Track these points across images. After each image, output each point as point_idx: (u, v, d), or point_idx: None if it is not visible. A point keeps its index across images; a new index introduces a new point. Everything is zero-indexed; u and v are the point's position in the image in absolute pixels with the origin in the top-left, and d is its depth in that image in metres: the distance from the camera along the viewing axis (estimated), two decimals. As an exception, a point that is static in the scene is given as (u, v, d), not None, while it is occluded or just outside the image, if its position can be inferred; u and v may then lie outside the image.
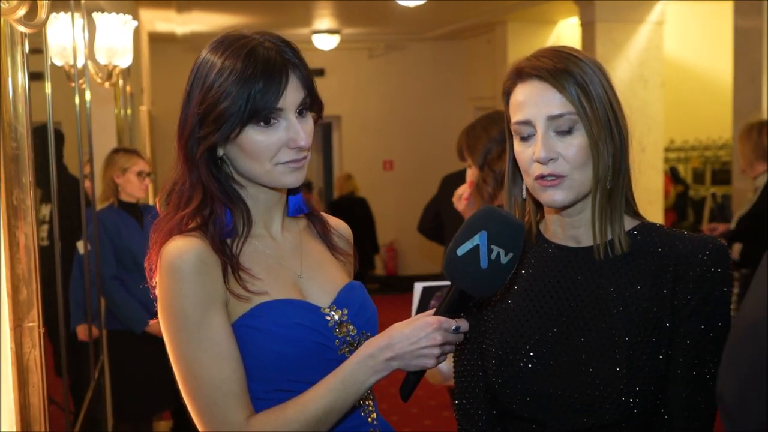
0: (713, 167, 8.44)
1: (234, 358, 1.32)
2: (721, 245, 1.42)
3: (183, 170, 1.40)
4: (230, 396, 1.31)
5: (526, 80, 1.42)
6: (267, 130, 1.35)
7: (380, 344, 1.30)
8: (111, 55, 3.90)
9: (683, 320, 1.40)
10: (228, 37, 1.39)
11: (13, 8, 1.58)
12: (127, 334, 3.99)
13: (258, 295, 1.37)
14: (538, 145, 1.39)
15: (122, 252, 3.96)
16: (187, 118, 1.37)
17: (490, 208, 1.32)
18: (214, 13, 7.98)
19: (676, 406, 1.40)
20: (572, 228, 1.49)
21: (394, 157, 10.30)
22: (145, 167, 4.07)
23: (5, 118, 1.74)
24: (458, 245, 1.31)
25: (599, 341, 1.41)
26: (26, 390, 1.77)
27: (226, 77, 1.33)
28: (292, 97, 1.36)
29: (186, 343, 1.32)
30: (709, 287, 1.40)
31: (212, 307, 1.33)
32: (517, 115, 1.42)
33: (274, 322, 1.35)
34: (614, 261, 1.46)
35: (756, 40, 5.20)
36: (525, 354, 1.45)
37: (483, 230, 1.29)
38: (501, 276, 1.30)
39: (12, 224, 1.74)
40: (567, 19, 8.41)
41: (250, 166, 1.38)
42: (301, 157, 1.38)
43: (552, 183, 1.40)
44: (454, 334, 1.31)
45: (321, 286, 1.47)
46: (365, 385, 1.31)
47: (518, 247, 1.31)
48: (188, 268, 1.32)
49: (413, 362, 1.30)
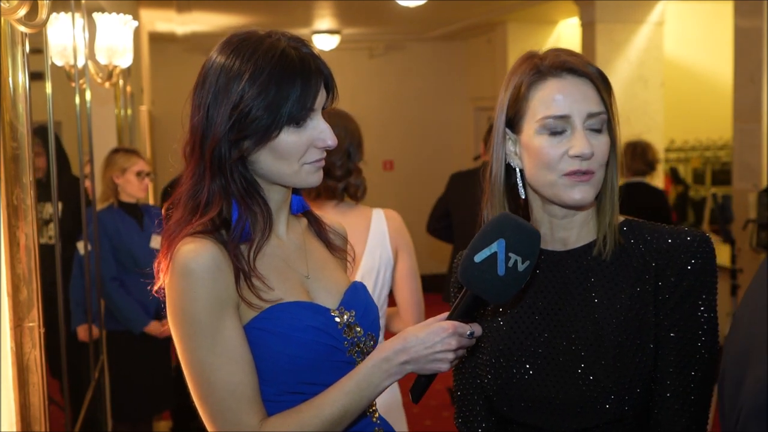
0: (713, 167, 8.43)
1: (247, 362, 1.32)
2: (702, 235, 1.42)
3: (204, 175, 1.37)
4: (243, 400, 1.30)
5: (561, 75, 1.42)
6: (299, 130, 1.35)
7: (395, 348, 1.31)
8: (111, 55, 3.90)
9: (668, 314, 1.40)
10: (250, 37, 1.36)
11: (14, 8, 1.58)
12: (126, 334, 3.99)
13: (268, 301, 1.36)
14: (581, 140, 1.39)
15: (122, 253, 3.96)
16: (215, 124, 1.34)
17: (507, 215, 1.33)
18: (214, 13, 7.98)
19: (667, 400, 1.39)
20: (563, 230, 1.49)
21: (394, 157, 10.29)
22: (145, 167, 4.07)
23: (6, 117, 1.74)
24: (475, 252, 1.31)
25: (588, 343, 1.42)
26: (26, 390, 1.77)
27: (262, 81, 1.31)
28: (321, 98, 1.38)
29: (198, 347, 1.30)
30: (692, 279, 1.40)
31: (225, 311, 1.31)
32: (551, 109, 1.41)
33: (287, 325, 1.34)
34: (601, 261, 1.46)
35: (756, 40, 5.19)
36: (518, 360, 1.46)
37: (501, 238, 1.30)
38: (517, 283, 1.31)
39: (12, 224, 1.74)
40: (567, 19, 8.40)
41: (278, 167, 1.37)
42: (323, 157, 1.40)
43: (586, 178, 1.41)
44: (468, 338, 1.31)
45: (326, 288, 1.47)
46: (379, 388, 1.32)
47: (535, 254, 1.31)
48: (203, 271, 1.30)
49: (427, 366, 1.30)
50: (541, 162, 1.42)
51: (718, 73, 8.03)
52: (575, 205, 1.44)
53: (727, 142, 7.82)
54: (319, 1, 7.70)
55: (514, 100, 1.46)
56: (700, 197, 8.30)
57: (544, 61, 1.44)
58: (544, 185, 1.44)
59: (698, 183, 8.49)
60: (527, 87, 1.44)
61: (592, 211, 1.49)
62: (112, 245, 3.93)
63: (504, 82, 1.49)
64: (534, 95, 1.43)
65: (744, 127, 5.36)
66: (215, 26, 8.77)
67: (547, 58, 1.44)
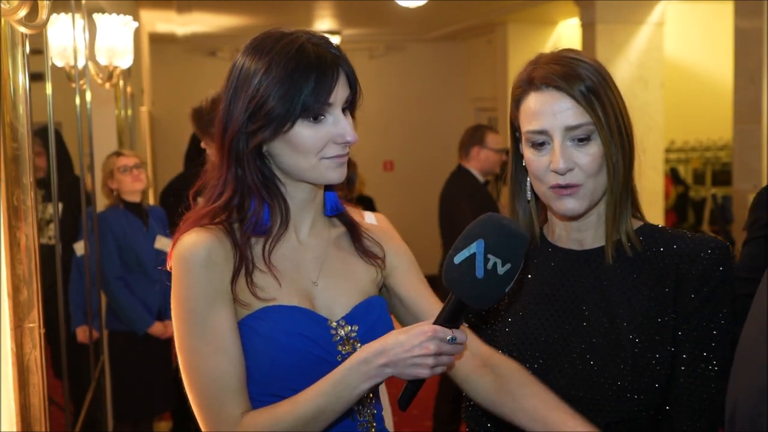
0: (714, 168, 8.43)
1: (235, 355, 1.32)
2: (722, 244, 1.43)
3: (222, 166, 1.40)
4: (228, 391, 1.31)
5: (540, 89, 1.42)
6: (316, 125, 1.36)
7: (375, 349, 1.27)
8: (111, 56, 3.90)
9: (686, 318, 1.41)
10: (272, 35, 1.39)
11: (14, 9, 1.58)
12: (129, 334, 3.99)
13: (264, 300, 1.36)
14: (556, 155, 1.39)
15: (126, 252, 3.96)
16: (234, 116, 1.37)
17: (491, 216, 1.27)
18: (214, 14, 7.98)
19: (681, 403, 1.40)
20: (577, 232, 1.50)
21: (394, 157, 10.30)
22: (127, 161, 3.99)
23: (6, 118, 1.74)
24: (456, 252, 1.26)
25: (604, 341, 1.42)
26: (27, 390, 1.77)
27: (277, 73, 1.33)
28: (341, 93, 1.37)
29: (190, 334, 1.33)
30: (712, 286, 1.40)
31: (218, 302, 1.33)
32: (531, 123, 1.42)
33: (275, 328, 1.34)
34: (619, 262, 1.46)
35: (756, 40, 5.19)
36: (532, 355, 1.46)
37: (480, 238, 1.24)
38: (498, 287, 1.24)
39: (13, 225, 1.74)
40: (567, 20, 8.40)
41: (295, 161, 1.37)
42: (345, 153, 1.39)
43: (568, 192, 1.41)
44: (450, 344, 1.25)
45: (335, 298, 1.44)
46: (357, 390, 1.28)
47: (517, 257, 1.24)
48: (197, 261, 1.33)
49: (407, 371, 1.26)
50: (532, 173, 1.45)
51: (718, 74, 8.03)
52: (565, 215, 1.45)
53: (728, 143, 7.82)
54: (320, 1, 7.71)
55: (511, 108, 1.49)
56: (701, 198, 8.31)
57: (533, 72, 1.44)
58: (539, 194, 1.47)
59: (698, 183, 8.49)
60: (516, 98, 1.47)
61: (597, 215, 1.49)
62: (118, 245, 3.93)
63: None
64: (521, 107, 1.46)
65: (744, 127, 5.36)
66: (215, 27, 8.77)
67: (538, 68, 1.44)
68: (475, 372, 1.43)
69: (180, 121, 4.75)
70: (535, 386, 1.39)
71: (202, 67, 9.61)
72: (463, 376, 1.44)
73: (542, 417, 1.34)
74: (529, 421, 1.35)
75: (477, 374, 1.42)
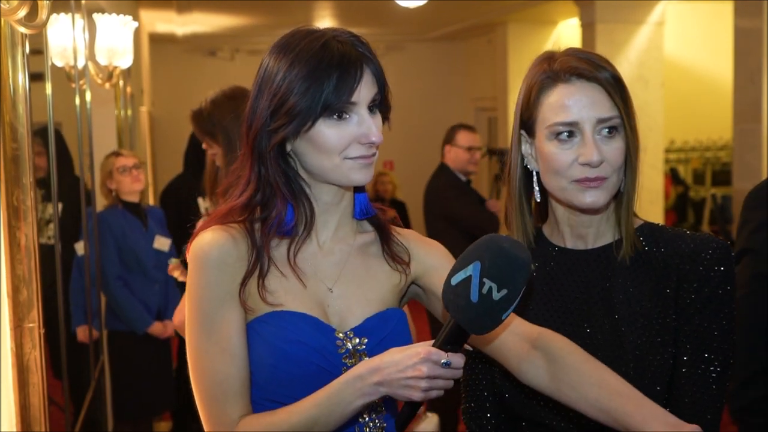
0: (713, 168, 8.44)
1: (239, 357, 1.32)
2: (724, 244, 1.42)
3: (246, 165, 1.39)
4: (229, 393, 1.31)
5: (568, 81, 1.41)
6: (339, 123, 1.33)
7: (371, 367, 1.24)
8: (111, 56, 3.90)
9: (687, 319, 1.40)
10: (299, 32, 1.37)
11: (14, 9, 1.58)
12: (129, 334, 3.99)
13: (272, 305, 1.35)
14: (590, 147, 1.38)
15: (126, 253, 3.96)
16: (257, 113, 1.35)
17: (492, 237, 1.21)
18: (214, 14, 7.98)
19: (682, 405, 1.40)
20: (583, 227, 1.49)
21: (394, 157, 10.29)
22: (126, 162, 3.99)
23: (6, 118, 1.74)
24: (454, 273, 1.21)
25: (607, 342, 1.42)
26: (26, 390, 1.77)
27: (300, 69, 1.31)
28: (366, 92, 1.34)
29: (198, 333, 1.32)
30: (713, 286, 1.40)
31: (227, 304, 1.32)
32: (559, 115, 1.40)
33: (277, 334, 1.32)
34: (621, 261, 1.46)
35: (756, 40, 5.19)
36: None
37: (477, 260, 1.18)
38: (493, 314, 1.18)
39: (12, 225, 1.74)
40: (567, 19, 8.40)
41: (318, 161, 1.34)
42: (370, 154, 1.36)
43: (595, 185, 1.40)
44: (444, 368, 1.20)
45: (349, 307, 1.39)
46: (351, 406, 1.25)
47: (514, 284, 1.17)
48: (209, 261, 1.32)
49: (400, 391, 1.22)
50: (552, 168, 1.42)
51: (718, 74, 8.04)
52: (587, 208, 1.43)
53: (728, 143, 7.82)
54: (319, 1, 7.71)
55: (526, 103, 1.45)
56: (700, 198, 8.31)
57: (554, 65, 1.42)
58: (555, 189, 1.44)
59: (698, 183, 8.49)
60: (537, 92, 1.43)
61: (611, 211, 1.48)
62: (117, 245, 3.93)
63: (520, 90, 1.48)
64: (544, 101, 1.42)
65: (744, 127, 5.36)
66: (215, 27, 8.77)
67: (558, 61, 1.42)
68: (527, 358, 1.36)
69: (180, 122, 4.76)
70: (591, 368, 1.31)
71: (202, 67, 9.62)
72: (516, 365, 1.38)
73: (606, 407, 1.27)
74: (595, 412, 1.29)
75: (529, 360, 1.36)
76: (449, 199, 4.52)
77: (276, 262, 1.36)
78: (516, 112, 1.49)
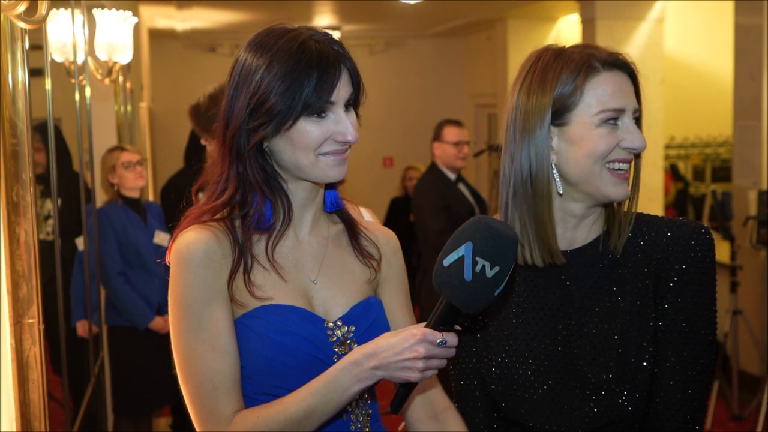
0: (713, 164, 8.43)
1: (229, 353, 1.33)
2: (700, 227, 1.42)
3: (224, 163, 1.40)
4: (221, 389, 1.31)
5: (612, 69, 1.44)
6: (318, 122, 1.35)
7: (366, 352, 1.27)
8: (111, 52, 3.90)
9: (667, 308, 1.40)
10: (274, 30, 1.37)
11: (13, 4, 1.58)
12: (129, 329, 4.00)
13: (261, 299, 1.36)
14: (636, 133, 1.42)
15: (127, 248, 3.96)
16: (235, 112, 1.36)
17: (480, 218, 1.26)
18: (214, 10, 7.97)
19: (666, 394, 1.40)
20: (575, 230, 1.48)
21: (394, 154, 10.29)
22: (131, 157, 4.01)
23: (5, 114, 1.74)
24: (445, 255, 1.25)
25: (591, 343, 1.42)
26: (26, 386, 1.77)
27: (279, 69, 1.32)
28: (344, 91, 1.36)
29: (186, 331, 1.33)
30: (691, 272, 1.40)
31: (214, 301, 1.33)
32: (610, 102, 1.41)
33: (270, 326, 1.34)
34: (605, 258, 1.46)
35: (756, 37, 5.19)
36: (523, 359, 1.46)
37: (468, 241, 1.23)
38: (487, 290, 1.23)
39: (12, 220, 1.74)
40: (567, 16, 8.40)
41: (295, 158, 1.36)
42: (343, 149, 1.38)
43: (626, 176, 1.44)
44: (440, 347, 1.25)
45: (334, 298, 1.43)
46: (349, 392, 1.28)
47: (506, 260, 1.23)
48: (194, 260, 1.33)
49: (397, 374, 1.26)
50: (596, 152, 1.41)
51: (718, 70, 8.03)
52: (619, 199, 1.45)
53: (728, 139, 7.82)
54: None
55: (560, 93, 1.42)
56: (700, 194, 8.30)
57: (595, 54, 1.44)
58: (586, 176, 1.42)
59: (698, 180, 8.49)
60: (583, 79, 1.42)
61: (599, 210, 1.49)
62: (118, 240, 3.93)
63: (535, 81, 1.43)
64: (589, 88, 1.42)
65: (744, 124, 5.37)
66: (215, 23, 8.76)
67: (592, 52, 1.44)
68: (424, 422, 1.49)
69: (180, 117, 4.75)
70: None
71: (201, 62, 9.61)
72: (413, 420, 1.50)
73: None
74: None
75: (423, 423, 1.49)
76: (421, 208, 4.56)
77: (258, 258, 1.38)
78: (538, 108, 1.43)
